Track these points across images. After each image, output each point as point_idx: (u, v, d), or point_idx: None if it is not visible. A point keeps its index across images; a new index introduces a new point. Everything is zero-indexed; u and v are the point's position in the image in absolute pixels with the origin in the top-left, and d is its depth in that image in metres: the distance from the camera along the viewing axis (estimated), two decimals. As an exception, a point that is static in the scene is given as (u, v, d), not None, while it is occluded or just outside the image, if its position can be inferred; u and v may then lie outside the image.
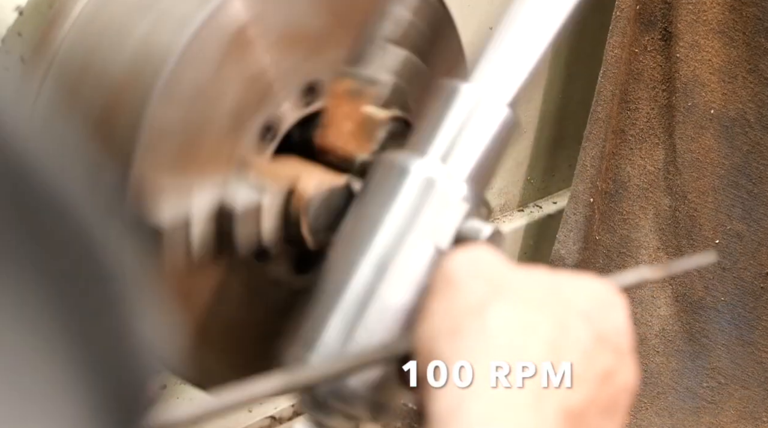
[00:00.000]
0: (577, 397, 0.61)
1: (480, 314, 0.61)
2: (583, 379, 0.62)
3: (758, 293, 2.03)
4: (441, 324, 0.63)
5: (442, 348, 0.61)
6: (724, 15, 1.96)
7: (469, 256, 0.65)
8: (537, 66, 0.84)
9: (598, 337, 0.64)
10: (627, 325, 0.66)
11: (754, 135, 2.00)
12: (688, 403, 2.06)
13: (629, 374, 0.67)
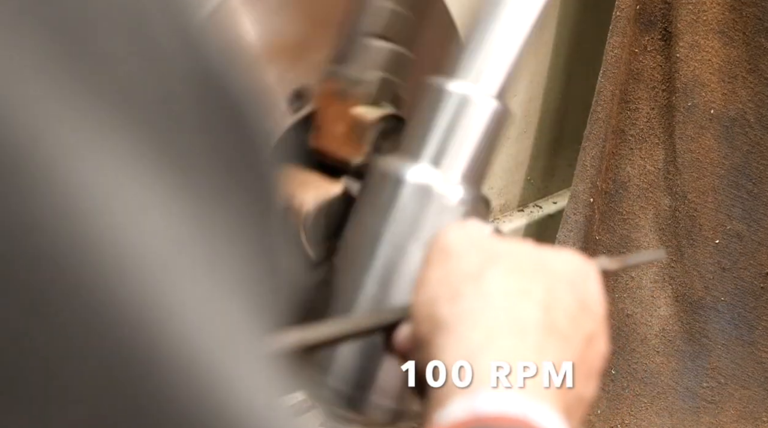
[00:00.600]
0: (569, 355, 0.66)
1: (477, 280, 0.66)
2: (572, 339, 0.67)
3: (758, 293, 2.03)
4: (440, 290, 0.67)
5: (443, 311, 0.65)
6: (724, 15, 1.96)
7: (463, 230, 0.70)
8: (520, 54, 0.83)
9: (581, 303, 0.68)
10: (602, 295, 0.71)
11: (754, 135, 2.00)
12: (688, 403, 2.06)
13: (604, 340, 0.71)
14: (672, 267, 2.08)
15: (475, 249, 0.68)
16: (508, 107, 0.82)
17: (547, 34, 2.22)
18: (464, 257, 0.67)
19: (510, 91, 0.82)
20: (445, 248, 0.68)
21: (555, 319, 0.66)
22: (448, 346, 0.64)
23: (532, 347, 0.64)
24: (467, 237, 0.69)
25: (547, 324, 0.66)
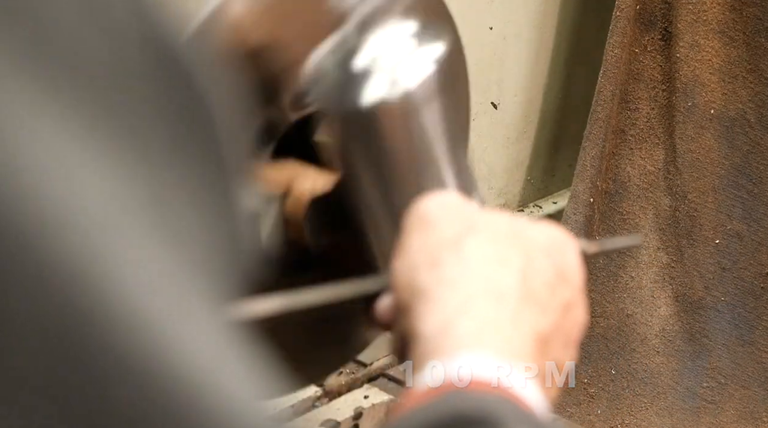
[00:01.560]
0: (545, 322, 0.67)
1: (457, 247, 0.67)
2: (549, 307, 0.68)
3: (758, 293, 2.03)
4: (419, 258, 0.67)
5: (423, 278, 0.66)
6: (724, 15, 1.96)
7: (440, 199, 0.71)
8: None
9: (559, 272, 0.69)
10: (579, 265, 0.72)
11: (754, 135, 2.00)
12: (688, 403, 2.06)
13: (582, 310, 0.72)
14: (672, 267, 2.08)
15: (454, 218, 0.69)
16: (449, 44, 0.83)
17: (547, 33, 2.22)
18: (443, 225, 0.68)
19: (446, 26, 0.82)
20: (424, 217, 0.69)
21: (532, 287, 0.67)
22: (427, 312, 0.65)
23: (509, 313, 0.65)
24: (446, 207, 0.70)
25: (524, 291, 0.66)
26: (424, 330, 0.64)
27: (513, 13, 2.13)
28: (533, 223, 0.71)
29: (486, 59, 2.11)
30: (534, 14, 2.18)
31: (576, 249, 0.72)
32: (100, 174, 0.36)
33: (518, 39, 2.16)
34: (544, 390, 0.66)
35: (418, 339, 0.64)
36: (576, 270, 0.71)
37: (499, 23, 2.11)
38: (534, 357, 0.65)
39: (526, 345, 0.65)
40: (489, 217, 0.69)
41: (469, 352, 0.62)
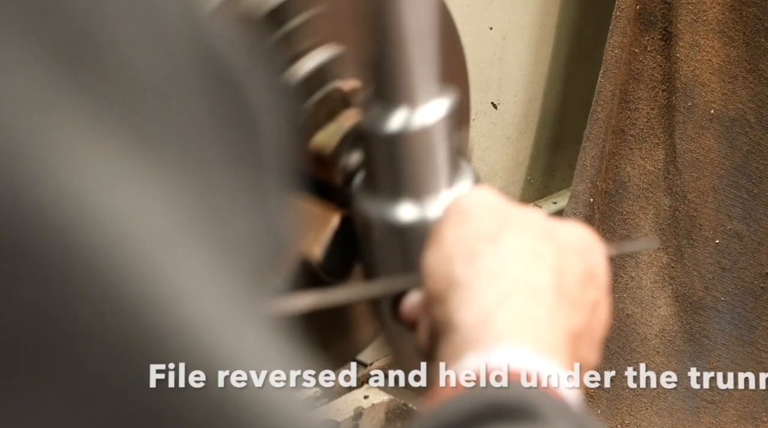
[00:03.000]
0: (577, 320, 0.68)
1: (494, 241, 0.68)
2: (580, 306, 0.69)
3: (758, 293, 2.03)
4: (456, 249, 0.68)
5: (459, 269, 0.67)
6: (724, 15, 1.96)
7: (478, 194, 0.72)
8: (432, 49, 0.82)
9: (588, 272, 0.71)
10: (606, 266, 0.73)
11: (754, 135, 2.00)
12: (688, 403, 2.06)
13: (606, 310, 0.73)
14: (672, 267, 2.08)
15: (491, 213, 0.70)
16: (453, 97, 0.81)
17: (547, 34, 2.22)
18: (481, 219, 0.69)
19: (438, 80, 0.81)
20: (462, 210, 0.70)
21: (565, 284, 0.68)
22: (464, 303, 0.65)
23: (545, 309, 0.66)
24: (483, 201, 0.71)
25: (558, 287, 0.67)
26: (462, 321, 0.65)
27: (513, 13, 2.13)
28: (564, 223, 0.72)
29: (486, 59, 2.11)
30: (534, 14, 2.18)
31: (603, 252, 0.73)
32: (150, 187, 0.37)
33: (518, 39, 2.16)
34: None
35: (455, 329, 0.65)
36: (603, 272, 0.72)
37: (499, 23, 2.11)
38: (567, 353, 0.66)
39: (560, 341, 0.66)
40: (524, 213, 0.71)
41: (507, 345, 0.62)
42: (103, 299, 0.35)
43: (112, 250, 0.35)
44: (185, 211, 0.38)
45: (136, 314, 0.35)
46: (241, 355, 0.37)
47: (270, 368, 0.38)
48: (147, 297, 0.35)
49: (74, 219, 0.35)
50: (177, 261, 0.37)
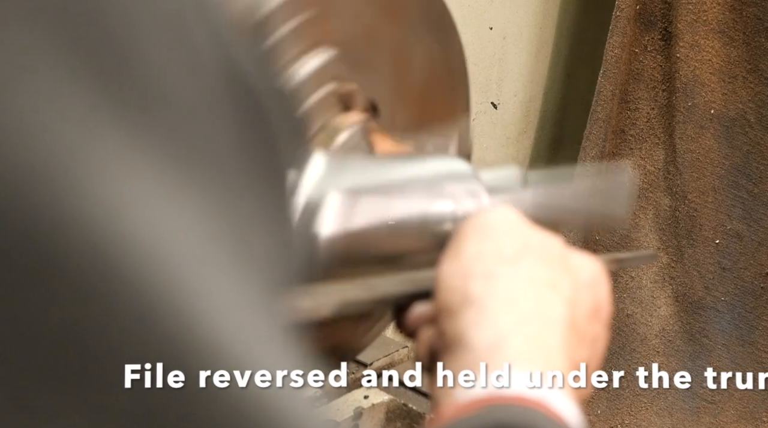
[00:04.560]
0: (582, 353, 0.69)
1: (513, 264, 0.68)
2: (585, 339, 0.70)
3: (758, 293, 2.03)
4: (475, 266, 0.68)
5: (476, 287, 0.67)
6: (724, 15, 1.96)
7: (501, 213, 0.72)
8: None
9: (596, 306, 0.72)
10: (610, 298, 0.74)
11: (754, 135, 2.00)
12: (688, 403, 2.06)
13: (605, 344, 0.74)
14: (672, 267, 2.08)
15: (512, 234, 0.70)
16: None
17: (547, 33, 2.22)
18: (502, 239, 0.69)
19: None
20: (482, 226, 0.70)
21: (576, 317, 0.69)
22: (479, 323, 0.65)
23: (558, 339, 0.66)
24: (506, 221, 0.71)
25: (570, 320, 0.68)
26: (475, 340, 0.65)
27: (513, 13, 2.13)
28: (577, 254, 0.73)
29: (486, 59, 2.11)
30: (534, 14, 2.18)
31: (609, 287, 0.74)
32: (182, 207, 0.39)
33: (518, 39, 2.16)
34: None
35: (466, 348, 0.65)
36: (608, 307, 0.73)
37: (499, 23, 2.11)
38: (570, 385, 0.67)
39: (566, 371, 0.66)
40: (542, 239, 0.71)
41: (519, 369, 0.63)
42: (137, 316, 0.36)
43: (147, 268, 0.36)
44: (215, 227, 0.39)
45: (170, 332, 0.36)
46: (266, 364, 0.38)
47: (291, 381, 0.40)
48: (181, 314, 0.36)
49: (111, 236, 0.36)
50: (209, 279, 0.38)
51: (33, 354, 0.34)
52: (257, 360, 0.38)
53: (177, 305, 0.36)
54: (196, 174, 0.39)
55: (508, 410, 0.60)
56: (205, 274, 0.38)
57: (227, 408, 0.37)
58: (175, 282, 0.37)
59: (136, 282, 0.36)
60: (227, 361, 0.37)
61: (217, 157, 0.41)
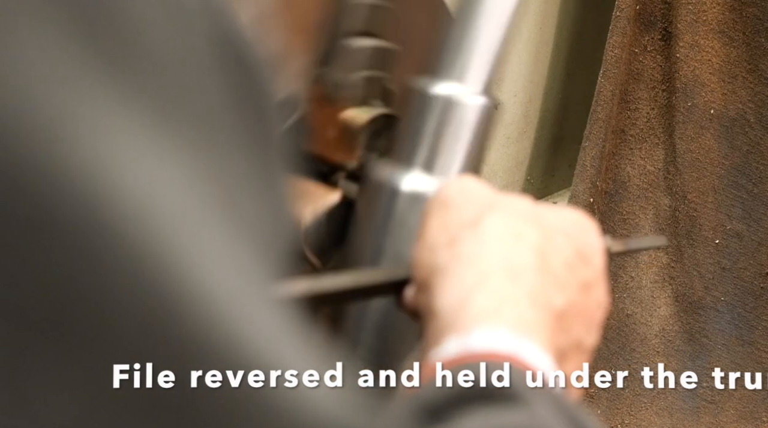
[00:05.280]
0: (562, 299, 0.68)
1: (475, 226, 0.68)
2: (567, 285, 0.69)
3: (758, 293, 2.03)
4: (438, 238, 0.69)
5: (441, 256, 0.67)
6: (724, 15, 1.96)
7: (460, 183, 0.72)
8: (501, 47, 0.83)
9: (578, 252, 0.71)
10: (601, 247, 0.73)
11: (754, 135, 2.00)
12: (688, 403, 2.06)
13: (603, 291, 0.72)
14: (672, 267, 2.08)
15: (474, 200, 0.70)
16: (494, 101, 0.82)
17: (547, 33, 2.22)
18: (463, 207, 0.69)
19: (494, 84, 0.82)
20: (444, 200, 0.70)
21: (549, 263, 0.68)
22: (444, 288, 0.66)
23: (526, 289, 0.65)
24: (465, 190, 0.71)
25: (541, 267, 0.67)
26: (441, 305, 0.65)
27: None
28: (554, 208, 0.73)
29: (486, 59, 2.11)
30: (534, 14, 2.18)
31: (597, 232, 0.72)
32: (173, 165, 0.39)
33: (518, 39, 2.16)
34: (567, 367, 0.67)
35: (435, 314, 0.65)
36: (597, 252, 0.72)
37: (499, 23, 2.10)
38: (552, 333, 0.66)
39: (542, 321, 0.65)
40: (509, 199, 0.71)
41: (485, 327, 0.62)
42: (128, 269, 0.36)
43: (136, 222, 0.36)
44: (204, 186, 0.39)
45: (159, 285, 0.36)
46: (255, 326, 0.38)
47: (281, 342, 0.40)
48: (169, 269, 0.36)
49: (100, 191, 0.36)
50: (197, 235, 0.38)
51: (25, 306, 0.35)
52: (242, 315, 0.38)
53: (165, 259, 0.37)
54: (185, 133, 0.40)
55: (477, 368, 0.59)
56: (195, 231, 0.38)
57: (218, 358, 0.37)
58: (165, 237, 0.37)
59: (126, 236, 0.36)
60: (214, 315, 0.37)
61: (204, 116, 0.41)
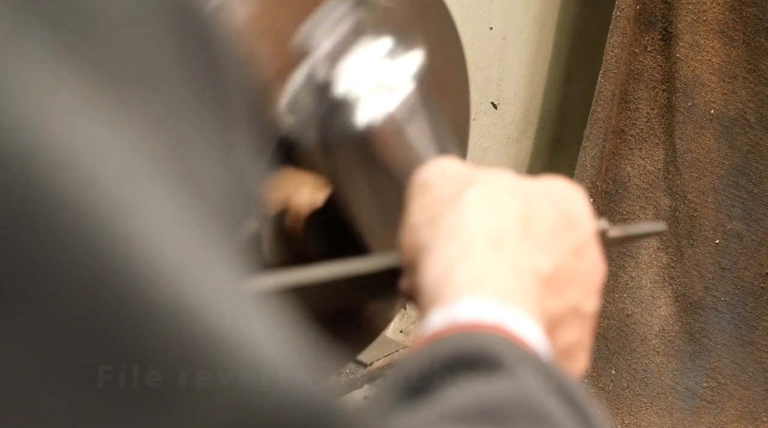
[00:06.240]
0: (549, 263, 0.67)
1: (455, 201, 0.68)
2: (554, 249, 0.68)
3: (758, 293, 2.03)
4: (420, 217, 0.69)
5: (423, 234, 0.68)
6: (724, 15, 1.97)
7: (439, 165, 0.72)
8: None
9: (565, 218, 0.70)
10: (589, 213, 0.72)
11: (754, 135, 2.00)
12: (688, 403, 2.07)
13: (597, 256, 0.71)
14: (672, 267, 2.08)
15: (453, 177, 0.70)
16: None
17: (547, 33, 2.22)
18: (442, 185, 0.69)
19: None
20: (424, 182, 0.70)
21: (533, 229, 0.67)
22: (428, 263, 0.65)
23: (508, 256, 0.65)
24: (444, 170, 0.71)
25: (524, 234, 0.67)
26: (426, 281, 0.65)
27: (513, 13, 2.13)
28: (536, 178, 0.71)
29: (486, 59, 2.11)
30: (534, 14, 2.18)
31: (583, 198, 0.71)
32: (119, 124, 0.38)
33: (518, 39, 2.16)
34: (565, 333, 0.67)
35: (422, 290, 0.65)
36: (585, 218, 0.70)
37: (499, 23, 2.11)
38: (540, 299, 0.65)
39: (528, 287, 0.65)
40: (489, 174, 0.70)
41: (469, 297, 0.62)
42: (66, 225, 0.35)
43: (73, 178, 0.35)
44: (148, 144, 0.38)
45: (100, 242, 0.35)
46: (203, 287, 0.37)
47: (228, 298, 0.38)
48: (111, 225, 0.35)
49: (34, 146, 0.35)
50: (140, 191, 0.37)
51: None
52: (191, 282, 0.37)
53: (107, 215, 0.35)
54: (126, 91, 0.38)
55: (461, 339, 0.59)
56: (137, 187, 0.37)
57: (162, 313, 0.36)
58: (106, 192, 0.36)
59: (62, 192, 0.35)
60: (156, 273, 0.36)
61: (150, 76, 0.40)
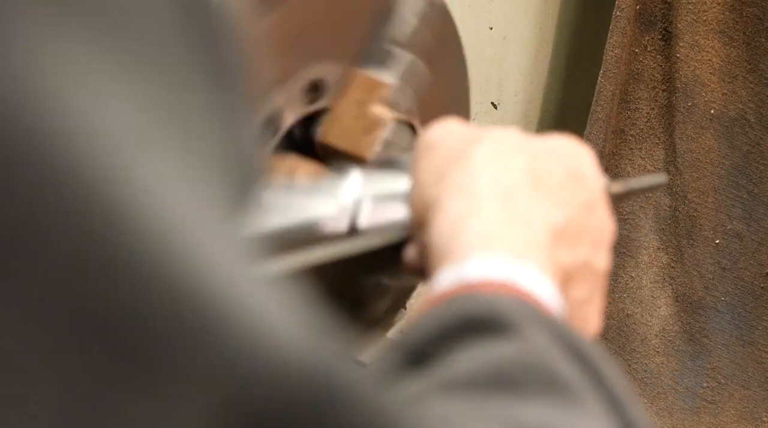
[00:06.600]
0: (560, 215, 0.66)
1: (461, 158, 0.67)
2: (563, 203, 0.67)
3: (758, 293, 2.03)
4: (428, 176, 0.68)
5: (432, 192, 0.67)
6: (724, 15, 1.97)
7: (443, 126, 0.71)
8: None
9: (572, 173, 0.69)
10: (597, 170, 0.71)
11: (754, 135, 2.00)
12: (688, 403, 2.06)
13: (606, 214, 0.71)
14: (672, 267, 2.08)
15: (459, 136, 0.69)
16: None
17: (547, 33, 2.22)
18: (449, 144, 0.69)
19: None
20: (429, 142, 0.70)
21: (541, 183, 0.66)
22: (437, 220, 0.65)
23: (518, 210, 0.64)
24: (449, 130, 0.70)
25: (534, 187, 0.66)
26: (435, 238, 0.63)
27: (513, 13, 2.13)
28: (543, 136, 0.71)
29: (486, 59, 2.11)
30: (534, 14, 2.18)
31: (591, 155, 0.71)
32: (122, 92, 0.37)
33: (518, 39, 2.16)
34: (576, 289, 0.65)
35: (431, 247, 0.63)
36: (593, 174, 0.69)
37: (499, 23, 2.11)
38: (553, 251, 0.64)
39: (540, 239, 0.63)
40: (496, 132, 0.69)
41: (478, 253, 0.61)
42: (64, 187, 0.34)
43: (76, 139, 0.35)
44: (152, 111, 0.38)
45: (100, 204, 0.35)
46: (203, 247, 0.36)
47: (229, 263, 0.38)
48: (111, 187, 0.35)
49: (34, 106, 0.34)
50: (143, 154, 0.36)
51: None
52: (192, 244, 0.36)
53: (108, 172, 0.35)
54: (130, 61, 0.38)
55: (470, 300, 0.58)
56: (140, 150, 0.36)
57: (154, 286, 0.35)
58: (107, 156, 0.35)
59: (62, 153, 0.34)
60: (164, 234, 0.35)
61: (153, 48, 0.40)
